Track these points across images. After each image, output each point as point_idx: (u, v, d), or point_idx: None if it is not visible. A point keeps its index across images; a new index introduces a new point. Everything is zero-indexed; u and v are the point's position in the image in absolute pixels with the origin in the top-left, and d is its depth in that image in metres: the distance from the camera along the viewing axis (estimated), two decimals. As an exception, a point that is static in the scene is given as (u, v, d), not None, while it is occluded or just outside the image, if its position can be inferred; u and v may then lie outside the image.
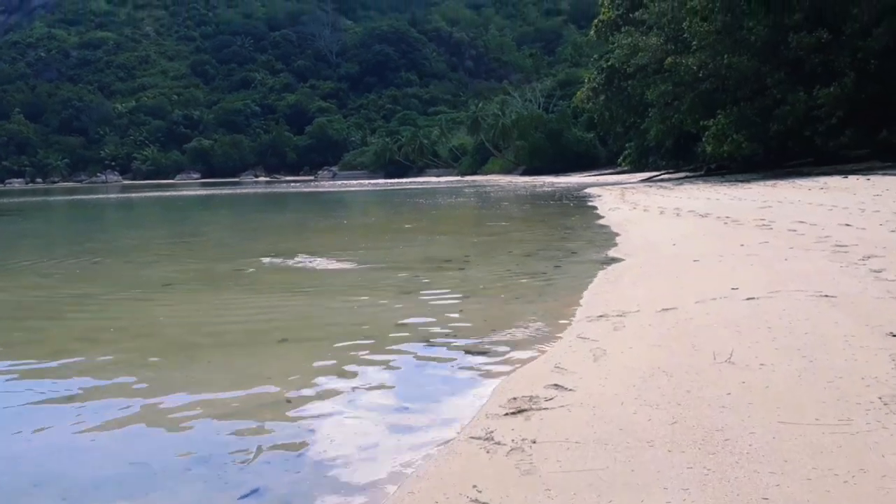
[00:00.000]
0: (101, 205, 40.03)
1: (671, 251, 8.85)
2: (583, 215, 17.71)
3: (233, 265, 9.73)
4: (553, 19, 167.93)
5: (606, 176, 50.37)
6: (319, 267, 8.91)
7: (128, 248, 13.01)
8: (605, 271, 7.70)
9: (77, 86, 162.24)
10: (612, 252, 9.64)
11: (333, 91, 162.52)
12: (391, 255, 10.47)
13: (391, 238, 13.63)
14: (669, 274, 6.98)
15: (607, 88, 39.71)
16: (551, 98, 77.59)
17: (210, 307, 6.73)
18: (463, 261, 9.30)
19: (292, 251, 11.26)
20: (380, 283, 7.79)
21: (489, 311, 5.97)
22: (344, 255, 10.57)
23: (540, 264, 8.73)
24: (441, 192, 41.35)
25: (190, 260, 10.41)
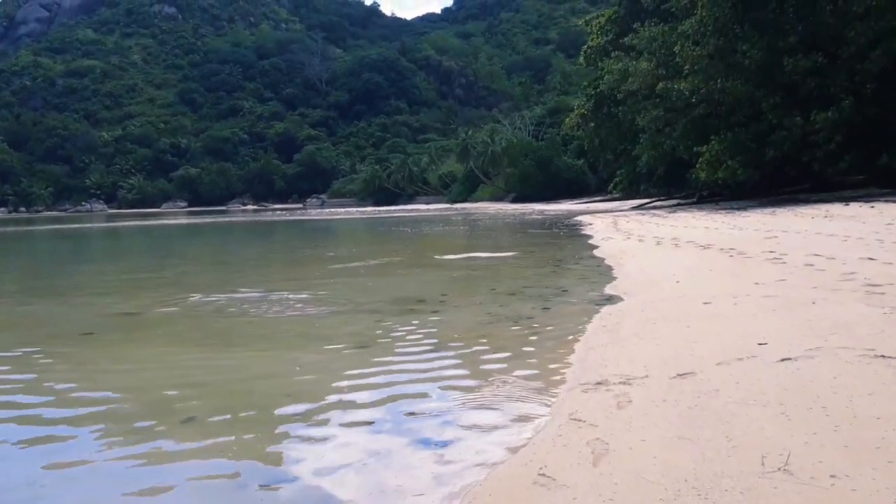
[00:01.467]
0: (74, 235, 38.69)
1: (675, 290, 7.74)
2: (574, 245, 16.63)
3: (176, 307, 8.55)
4: (542, 48, 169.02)
5: (597, 203, 49.64)
6: (270, 313, 7.69)
7: (71, 286, 11.78)
8: (602, 316, 6.57)
9: (62, 114, 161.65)
10: (608, 289, 8.54)
11: (323, 119, 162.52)
12: (360, 292, 9.31)
13: (365, 272, 12.47)
14: (678, 321, 5.86)
15: (597, 114, 38.93)
16: (541, 126, 77.14)
17: (117, 367, 5.53)
18: (438, 301, 8.16)
19: (252, 286, 10.17)
20: (335, 331, 6.62)
21: (459, 376, 4.79)
22: (306, 293, 9.45)
23: (526, 305, 7.59)
24: (429, 220, 40.29)
25: (132, 300, 9.21)
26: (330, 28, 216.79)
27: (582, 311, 7.14)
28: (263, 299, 8.91)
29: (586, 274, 10.41)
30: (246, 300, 9.00)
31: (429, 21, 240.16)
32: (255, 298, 9.07)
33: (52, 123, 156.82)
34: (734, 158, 27.47)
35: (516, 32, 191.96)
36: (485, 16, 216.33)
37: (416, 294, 8.87)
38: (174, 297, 9.40)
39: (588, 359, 4.82)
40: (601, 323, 6.20)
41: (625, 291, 8.16)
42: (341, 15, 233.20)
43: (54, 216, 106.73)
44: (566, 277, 10.21)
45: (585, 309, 7.23)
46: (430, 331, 6.33)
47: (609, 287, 8.67)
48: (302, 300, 8.64)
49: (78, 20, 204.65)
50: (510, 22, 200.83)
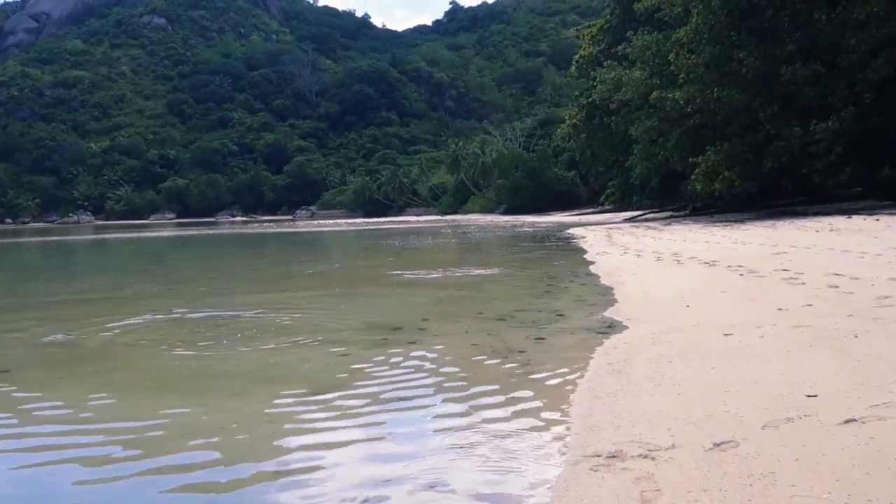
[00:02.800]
0: (49, 249, 37.51)
1: (687, 316, 6.81)
2: (568, 261, 15.71)
3: (117, 334, 7.55)
4: (533, 61, 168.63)
5: (589, 215, 48.92)
6: (221, 346, 6.64)
7: (9, 308, 10.68)
8: (606, 350, 5.62)
9: (50, 125, 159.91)
10: (609, 313, 7.60)
11: (313, 130, 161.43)
12: (331, 317, 8.32)
13: (341, 291, 11.47)
14: (698, 359, 4.92)
15: (589, 125, 38.16)
16: (532, 137, 76.49)
17: (10, 422, 4.55)
18: (417, 329, 7.20)
19: (213, 306, 9.22)
20: (291, 371, 5.63)
21: (426, 447, 3.72)
22: (270, 317, 8.49)
23: (517, 334, 6.64)
24: (418, 232, 39.35)
25: (74, 325, 8.17)
26: (320, 39, 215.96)
27: (581, 342, 6.19)
28: (218, 325, 7.95)
29: (583, 294, 9.47)
30: (199, 325, 8.04)
31: (420, 33, 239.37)
32: (208, 324, 8.11)
33: (40, 134, 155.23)
34: (731, 170, 26.66)
35: (507, 45, 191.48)
36: (476, 28, 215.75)
37: (394, 319, 7.90)
38: (123, 320, 8.42)
39: (594, 413, 3.86)
40: (606, 359, 5.25)
41: (628, 317, 7.21)
42: (332, 27, 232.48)
43: (40, 228, 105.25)
44: (561, 299, 9.26)
45: (585, 339, 6.28)
46: (402, 372, 5.34)
47: (610, 311, 7.73)
48: (262, 327, 7.66)
49: (67, 31, 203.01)
50: (501, 34, 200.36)
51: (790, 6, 26.98)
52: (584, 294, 9.51)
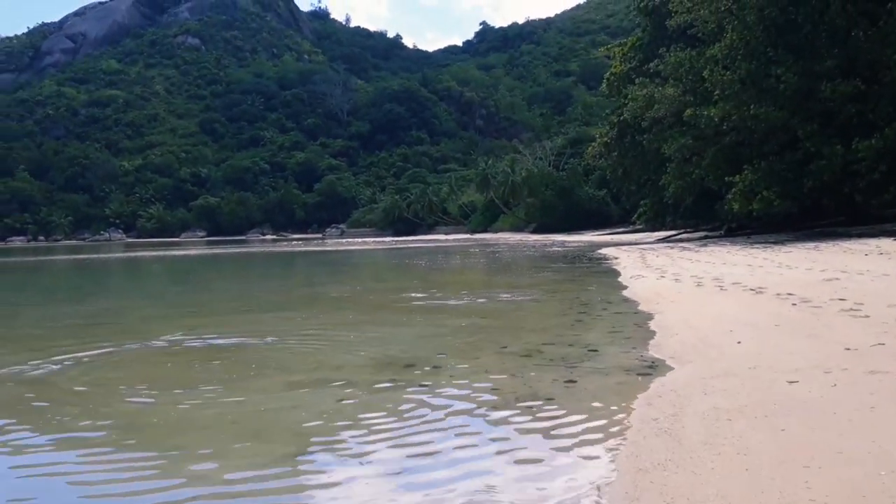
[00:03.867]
0: (69, 268, 37.29)
1: (740, 356, 5.98)
2: (601, 285, 14.86)
3: (83, 368, 6.89)
4: (563, 80, 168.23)
5: (620, 235, 47.94)
6: (206, 386, 5.91)
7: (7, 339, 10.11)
8: (649, 399, 4.83)
9: (84, 143, 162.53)
10: (650, 349, 6.80)
11: (344, 149, 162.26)
12: (337, 349, 7.61)
13: (355, 318, 10.74)
14: (764, 416, 4.11)
15: (620, 143, 37.26)
16: (562, 156, 75.76)
17: None
18: (431, 367, 6.44)
19: (214, 331, 8.58)
20: (276, 422, 4.85)
21: None
22: (270, 347, 7.83)
23: (544, 375, 5.87)
24: (446, 251, 38.67)
25: (42, 355, 7.55)
26: (352, 60, 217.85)
27: (619, 386, 5.40)
28: (211, 358, 7.29)
29: (619, 325, 8.65)
30: (191, 357, 7.40)
31: (450, 53, 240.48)
32: (201, 355, 7.47)
33: (74, 152, 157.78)
34: (770, 189, 25.60)
35: (537, 64, 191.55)
36: (506, 48, 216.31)
37: (408, 354, 7.17)
38: (106, 349, 7.83)
39: (641, 497, 3.08)
40: (650, 412, 4.46)
41: (672, 355, 6.40)
42: (364, 47, 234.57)
43: (72, 245, 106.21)
44: (594, 329, 8.45)
45: (623, 383, 5.49)
46: (405, 427, 4.56)
47: (651, 346, 6.92)
48: (260, 361, 6.97)
49: (102, 51, 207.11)
50: (531, 54, 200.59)
51: (828, 22, 25.99)
52: (620, 324, 8.70)
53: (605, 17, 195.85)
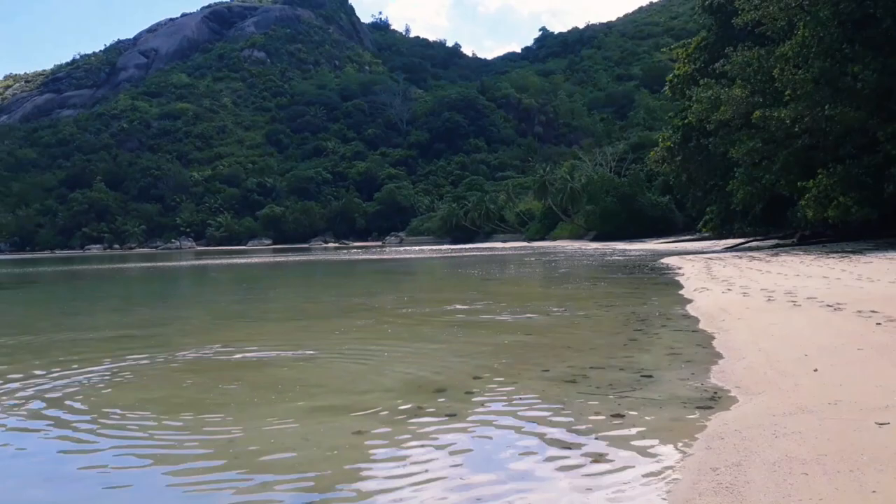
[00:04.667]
0: (133, 276, 37.83)
1: (817, 386, 5.17)
2: (661, 298, 13.96)
3: (90, 382, 6.48)
4: (625, 84, 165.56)
5: (685, 243, 46.34)
6: (209, 419, 5.32)
7: (34, 348, 9.84)
8: (709, 441, 4.09)
9: (156, 155, 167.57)
10: (712, 376, 6.02)
11: (403, 158, 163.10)
12: (365, 369, 7.05)
13: (393, 333, 10.10)
14: (847, 472, 3.35)
15: (684, 147, 35.99)
16: (623, 161, 74.11)
17: None
18: (463, 393, 5.80)
19: (242, 343, 8.12)
20: (281, 459, 4.24)
21: None
22: (294, 362, 7.32)
23: (587, 408, 5.17)
24: (501, 259, 37.91)
25: (39, 369, 7.24)
26: (412, 69, 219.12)
27: (674, 423, 4.67)
28: (226, 378, 6.84)
29: (678, 345, 7.85)
30: (206, 372, 6.95)
31: (509, 60, 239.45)
32: (219, 372, 7.04)
33: (147, 164, 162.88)
34: (846, 195, 24.17)
35: (598, 69, 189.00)
36: (566, 54, 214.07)
37: (440, 376, 6.54)
38: (129, 358, 7.44)
39: None
40: (709, 460, 3.73)
41: (737, 383, 5.62)
42: (423, 57, 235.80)
43: (145, 253, 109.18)
44: (650, 350, 7.66)
45: (679, 420, 4.75)
46: (422, 471, 3.93)
47: (713, 373, 6.14)
48: (282, 379, 6.49)
49: (173, 65, 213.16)
50: (592, 59, 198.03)
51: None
52: (680, 344, 7.89)
53: (669, 19, 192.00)
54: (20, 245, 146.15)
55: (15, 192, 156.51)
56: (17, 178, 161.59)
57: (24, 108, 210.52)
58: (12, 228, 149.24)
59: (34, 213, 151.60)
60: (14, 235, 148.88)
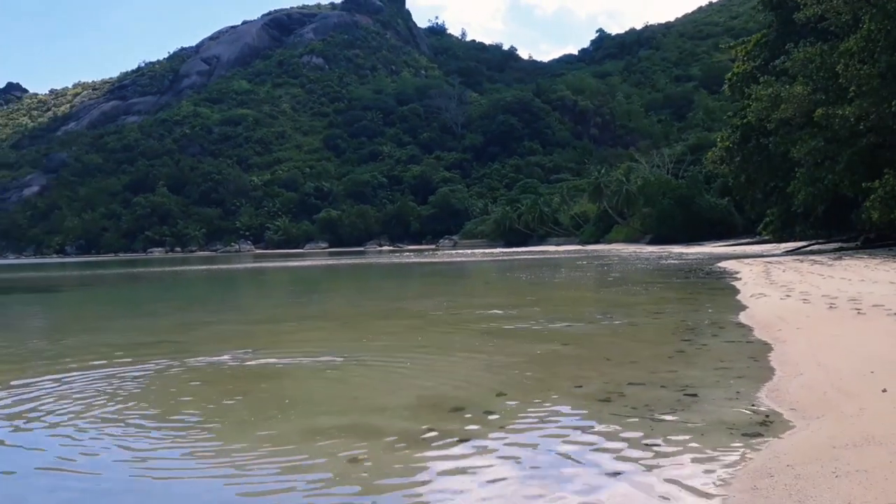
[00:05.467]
0: (187, 279, 38.20)
1: (885, 409, 4.50)
2: (715, 304, 13.19)
3: (68, 400, 6.15)
4: (683, 85, 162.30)
5: (744, 246, 44.91)
6: (190, 436, 4.85)
7: (46, 353, 9.65)
8: (756, 481, 3.49)
9: (217, 160, 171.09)
10: (763, 396, 5.38)
11: (457, 161, 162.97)
12: (380, 382, 6.60)
13: (422, 341, 9.50)
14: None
15: (743, 148, 34.61)
16: (681, 163, 72.46)
17: None
18: (482, 413, 5.26)
19: (267, 353, 7.76)
20: (259, 495, 3.85)
21: None
22: (305, 380, 6.90)
23: (618, 434, 4.59)
24: (553, 263, 37.11)
25: (52, 373, 6.98)
26: (467, 73, 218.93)
27: (717, 454, 4.07)
28: (238, 383, 6.46)
29: (728, 358, 7.18)
30: (220, 381, 6.55)
31: (565, 62, 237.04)
32: (231, 380, 6.65)
33: (208, 169, 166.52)
34: (917, 195, 22.78)
35: (656, 70, 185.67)
36: (623, 55, 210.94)
37: (462, 390, 6.04)
38: (140, 364, 7.13)
39: None
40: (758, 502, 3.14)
41: (793, 405, 4.97)
42: (479, 60, 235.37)
43: (205, 256, 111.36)
44: (697, 364, 7.01)
45: (724, 450, 4.14)
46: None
47: (766, 391, 5.49)
48: (292, 392, 6.10)
49: (234, 72, 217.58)
50: (649, 60, 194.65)
51: None
52: (730, 357, 7.22)
53: (729, 18, 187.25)
54: (86, 248, 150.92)
55: (81, 197, 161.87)
56: (84, 182, 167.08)
57: (91, 115, 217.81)
58: (78, 232, 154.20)
59: (99, 217, 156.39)
60: (80, 238, 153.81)
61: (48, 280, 41.55)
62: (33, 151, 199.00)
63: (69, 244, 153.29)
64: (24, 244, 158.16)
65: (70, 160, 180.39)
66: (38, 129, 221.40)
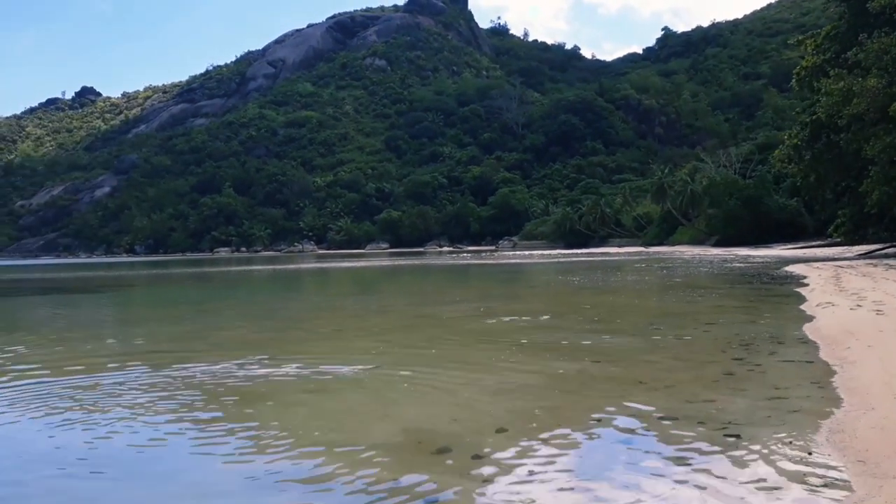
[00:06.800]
0: (239, 278, 38.23)
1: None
2: (776, 314, 11.98)
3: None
4: (752, 83, 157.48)
5: (814, 249, 42.77)
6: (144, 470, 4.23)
7: (40, 355, 9.17)
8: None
9: (282, 161, 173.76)
10: (823, 439, 4.36)
11: (518, 162, 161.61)
12: (373, 407, 5.76)
13: (436, 355, 8.57)
14: None
15: (813, 145, 32.67)
16: (749, 163, 69.81)
17: None
18: (471, 457, 4.37)
19: (264, 363, 7.06)
20: None
21: None
22: (298, 399, 6.10)
23: (636, 494, 3.66)
24: (611, 266, 35.77)
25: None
26: (529, 73, 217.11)
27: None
28: (203, 401, 5.70)
29: (785, 384, 6.12)
30: (184, 391, 5.82)
31: (629, 61, 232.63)
32: (205, 390, 5.88)
33: (273, 170, 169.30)
34: None
35: (723, 68, 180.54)
36: (689, 53, 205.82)
37: (457, 423, 5.16)
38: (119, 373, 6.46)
39: None
40: None
41: (860, 455, 3.96)
42: (541, 60, 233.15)
43: (269, 256, 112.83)
44: (747, 392, 5.95)
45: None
46: None
47: (826, 434, 4.47)
48: (261, 416, 5.29)
49: (299, 75, 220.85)
50: (717, 58, 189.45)
51: None
52: (787, 383, 6.16)
53: (800, 15, 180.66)
54: (154, 247, 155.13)
55: (150, 198, 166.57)
56: (153, 183, 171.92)
57: (160, 118, 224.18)
58: (147, 232, 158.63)
59: (167, 217, 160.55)
60: (149, 238, 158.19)
61: (134, 278, 42.14)
62: (105, 153, 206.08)
63: (138, 244, 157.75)
64: (95, 243, 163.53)
65: (140, 162, 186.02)
66: (111, 132, 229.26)
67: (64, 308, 20.82)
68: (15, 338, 11.64)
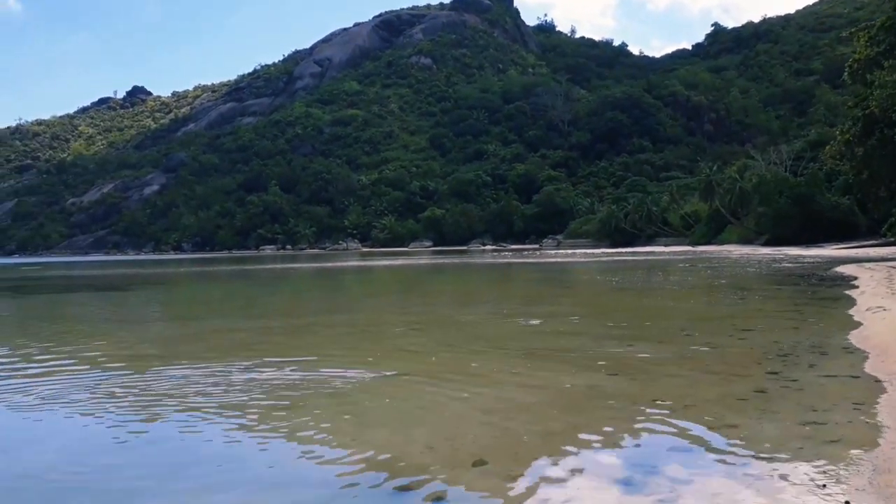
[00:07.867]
0: (275, 277, 38.08)
1: None
2: (821, 319, 11.04)
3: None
4: (804, 80, 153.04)
5: (867, 249, 41.03)
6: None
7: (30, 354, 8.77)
8: None
9: (327, 160, 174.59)
10: (867, 482, 3.61)
11: (563, 160, 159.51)
12: (346, 428, 5.14)
13: (434, 362, 7.92)
14: None
15: (865, 141, 31.05)
16: (800, 161, 67.47)
17: None
18: (435, 496, 3.74)
19: (253, 366, 6.53)
20: None
21: None
22: (252, 413, 5.52)
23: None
24: (654, 266, 34.61)
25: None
26: (576, 70, 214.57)
27: None
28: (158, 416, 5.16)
29: (824, 405, 5.33)
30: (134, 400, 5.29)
31: (678, 57, 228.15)
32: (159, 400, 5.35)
33: (318, 168, 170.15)
34: None
35: (774, 64, 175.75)
36: (739, 49, 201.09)
37: (432, 451, 4.51)
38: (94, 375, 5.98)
39: None
40: None
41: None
42: (588, 57, 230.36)
43: (314, 254, 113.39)
44: (778, 416, 5.16)
45: None
46: None
47: (869, 474, 3.71)
48: (212, 451, 4.70)
49: (345, 73, 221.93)
50: (768, 54, 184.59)
51: None
52: (827, 404, 5.36)
53: (853, 10, 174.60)
54: (201, 245, 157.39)
55: (198, 195, 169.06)
56: (200, 181, 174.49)
57: (209, 117, 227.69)
58: (194, 229, 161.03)
59: (214, 215, 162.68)
60: (196, 236, 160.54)
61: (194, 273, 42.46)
62: (154, 152, 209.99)
63: (185, 241, 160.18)
64: (144, 241, 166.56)
65: (188, 160, 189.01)
66: (160, 131, 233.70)
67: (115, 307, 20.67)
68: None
